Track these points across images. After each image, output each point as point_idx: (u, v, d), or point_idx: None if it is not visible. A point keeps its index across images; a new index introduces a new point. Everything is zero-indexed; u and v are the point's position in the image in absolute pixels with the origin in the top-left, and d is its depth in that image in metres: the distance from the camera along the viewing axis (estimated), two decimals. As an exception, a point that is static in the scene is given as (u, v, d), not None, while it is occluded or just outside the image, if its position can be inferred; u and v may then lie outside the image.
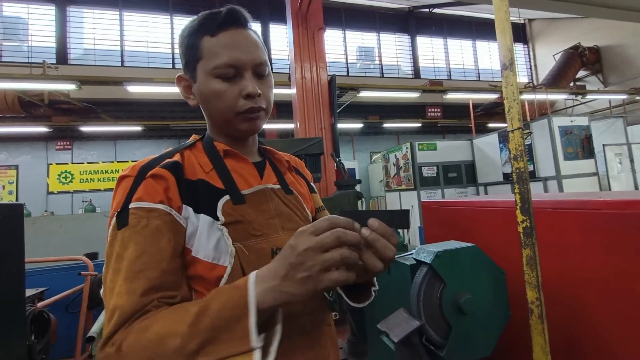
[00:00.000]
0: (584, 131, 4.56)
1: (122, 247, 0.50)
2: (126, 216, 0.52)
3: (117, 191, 0.56)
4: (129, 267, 0.49)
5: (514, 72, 0.81)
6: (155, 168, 0.56)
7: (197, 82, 0.62)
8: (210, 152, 0.64)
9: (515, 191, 0.83)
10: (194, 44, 0.61)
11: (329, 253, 0.42)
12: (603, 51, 10.14)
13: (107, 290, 0.50)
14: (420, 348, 0.94)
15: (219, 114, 0.62)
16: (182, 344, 0.42)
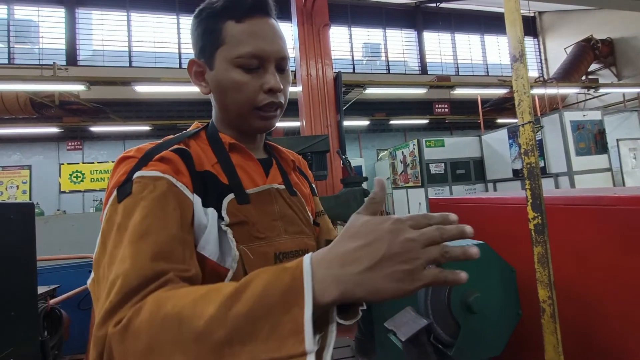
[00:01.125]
0: (596, 126, 4.45)
1: (125, 216, 0.44)
2: (130, 186, 0.46)
3: (117, 170, 0.50)
4: (133, 230, 0.42)
5: (524, 64, 0.79)
6: (164, 152, 0.51)
7: (215, 70, 0.56)
8: (214, 144, 0.59)
9: (526, 187, 0.80)
10: (215, 28, 0.55)
11: (433, 248, 0.34)
12: (616, 43, 9.86)
13: (101, 275, 0.41)
14: (428, 347, 0.93)
15: (235, 106, 0.57)
16: (207, 331, 0.31)
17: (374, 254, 0.33)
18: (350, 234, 0.36)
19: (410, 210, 5.92)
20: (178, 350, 0.32)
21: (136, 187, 0.46)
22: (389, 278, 0.33)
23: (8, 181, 8.04)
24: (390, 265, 0.33)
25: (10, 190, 8.03)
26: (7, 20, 8.19)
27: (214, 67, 0.56)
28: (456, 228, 0.35)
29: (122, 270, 0.38)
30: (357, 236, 0.35)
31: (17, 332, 1.46)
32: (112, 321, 0.36)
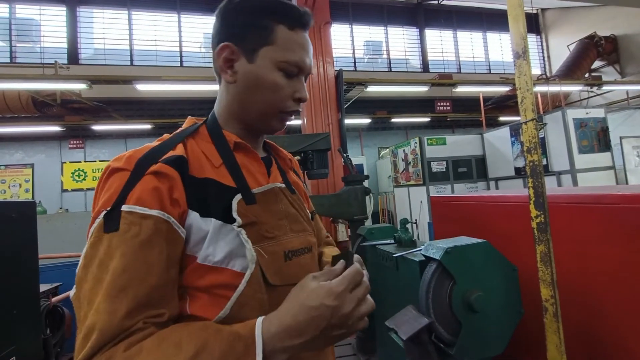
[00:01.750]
0: (599, 123, 4.42)
1: (107, 255, 0.44)
2: (117, 219, 0.45)
3: (107, 185, 0.48)
4: (113, 281, 0.43)
5: (528, 60, 0.78)
6: (158, 164, 0.49)
7: (255, 65, 0.56)
8: (219, 143, 0.57)
9: (528, 185, 0.80)
10: (266, 26, 0.55)
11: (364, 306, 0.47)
12: (620, 40, 9.78)
13: (83, 298, 0.44)
14: (430, 346, 0.93)
15: (264, 104, 0.57)
16: None
17: (317, 328, 0.43)
18: (299, 302, 0.45)
19: (412, 209, 5.90)
20: None
21: (123, 224, 0.45)
22: (328, 340, 0.45)
23: (11, 180, 8.07)
24: (329, 332, 0.44)
25: (13, 189, 8.06)
26: (8, 19, 8.20)
27: (254, 61, 0.56)
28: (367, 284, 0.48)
29: (98, 325, 0.41)
30: (303, 308, 0.44)
31: (19, 330, 1.47)
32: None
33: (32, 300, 1.60)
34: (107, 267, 0.44)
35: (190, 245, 0.50)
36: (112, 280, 0.43)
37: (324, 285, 0.45)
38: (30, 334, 1.56)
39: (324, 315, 0.43)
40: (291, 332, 0.43)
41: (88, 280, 0.44)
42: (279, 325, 0.43)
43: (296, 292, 0.48)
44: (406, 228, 1.37)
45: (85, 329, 0.42)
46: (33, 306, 1.62)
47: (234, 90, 0.58)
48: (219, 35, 0.58)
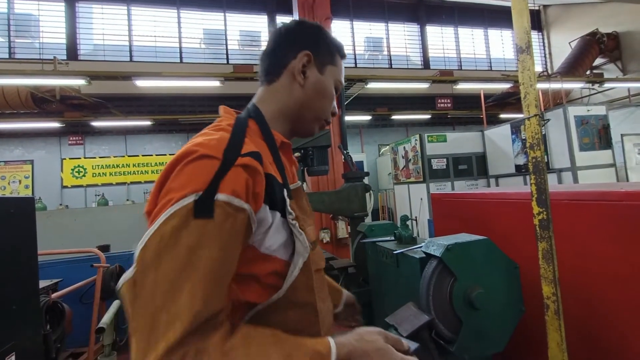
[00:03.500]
0: (601, 121, 4.40)
1: (200, 242, 0.44)
2: (210, 206, 0.45)
3: (189, 169, 0.47)
4: (208, 269, 0.44)
5: (531, 55, 0.77)
6: (247, 157, 0.51)
7: (323, 76, 0.67)
8: (269, 142, 0.62)
9: (531, 182, 0.79)
10: (332, 51, 0.70)
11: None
12: (622, 37, 9.72)
13: (162, 280, 0.42)
14: (430, 343, 0.92)
15: (320, 111, 0.68)
16: None
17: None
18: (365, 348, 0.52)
19: (412, 206, 5.90)
20: None
21: (220, 213, 0.46)
22: None
23: (11, 176, 8.06)
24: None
25: (12, 185, 8.06)
26: (7, 15, 8.14)
27: (324, 73, 0.68)
28: None
29: (191, 308, 0.42)
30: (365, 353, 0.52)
31: (19, 325, 1.47)
32: (177, 355, 0.40)
33: (31, 296, 1.60)
34: (200, 255, 0.44)
35: (254, 236, 0.53)
36: (208, 269, 0.44)
37: (394, 353, 0.53)
38: (30, 330, 1.56)
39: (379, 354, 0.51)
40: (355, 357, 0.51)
41: (167, 265, 0.43)
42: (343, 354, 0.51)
43: (366, 338, 0.54)
44: (406, 225, 1.37)
45: (171, 313, 0.41)
46: (33, 302, 1.61)
47: (299, 92, 0.66)
48: (299, 42, 0.66)
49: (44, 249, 2.18)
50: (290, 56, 0.65)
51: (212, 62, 9.11)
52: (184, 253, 0.43)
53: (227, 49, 9.36)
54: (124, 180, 8.52)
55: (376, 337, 0.54)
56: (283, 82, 0.66)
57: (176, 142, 8.90)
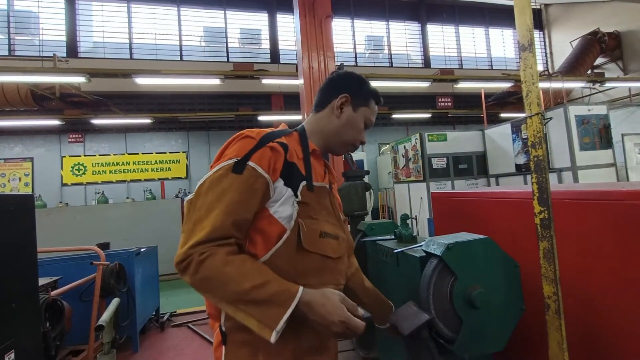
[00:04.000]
0: (601, 120, 4.39)
1: (230, 186, 0.71)
2: (242, 167, 0.72)
3: (238, 144, 0.76)
4: (230, 203, 0.70)
5: (533, 53, 0.76)
6: (274, 143, 0.77)
7: (356, 114, 0.92)
8: (304, 146, 0.86)
9: (532, 180, 0.78)
10: (367, 97, 0.94)
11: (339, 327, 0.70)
12: (624, 37, 9.69)
13: (201, 205, 0.71)
14: (430, 342, 0.92)
15: (348, 137, 0.93)
16: (241, 291, 0.66)
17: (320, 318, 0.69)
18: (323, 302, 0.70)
19: (412, 205, 5.90)
20: (222, 290, 0.67)
21: (247, 173, 0.73)
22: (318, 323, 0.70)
23: (10, 173, 8.06)
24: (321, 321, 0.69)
25: (12, 183, 8.05)
26: (7, 11, 8.12)
27: (357, 111, 0.92)
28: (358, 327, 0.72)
29: (215, 224, 0.69)
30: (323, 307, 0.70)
31: (18, 323, 1.47)
32: (199, 249, 0.67)
33: (31, 293, 1.60)
34: (227, 194, 0.71)
35: (270, 200, 0.76)
36: (229, 204, 0.70)
37: (344, 312, 0.70)
38: (29, 327, 1.56)
39: (325, 317, 0.69)
40: (307, 305, 0.68)
41: (210, 195, 0.71)
42: (307, 300, 0.69)
43: (327, 294, 0.72)
44: (407, 224, 1.36)
45: (203, 223, 0.69)
46: (32, 299, 1.61)
47: (335, 122, 0.92)
48: (341, 89, 0.92)
49: (43, 246, 2.18)
50: (334, 96, 0.91)
51: (212, 60, 9.09)
52: (220, 191, 0.71)
53: (228, 46, 9.34)
54: (123, 178, 8.51)
55: (335, 296, 0.72)
56: (326, 113, 0.92)
57: (176, 140, 8.89)
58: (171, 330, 3.33)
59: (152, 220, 5.90)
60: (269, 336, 0.65)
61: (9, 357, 1.38)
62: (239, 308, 0.67)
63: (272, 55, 9.54)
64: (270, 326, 0.65)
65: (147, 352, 2.86)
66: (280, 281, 0.69)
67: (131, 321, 2.80)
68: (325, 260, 0.81)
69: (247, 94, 8.88)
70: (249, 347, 0.74)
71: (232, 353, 0.75)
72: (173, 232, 5.92)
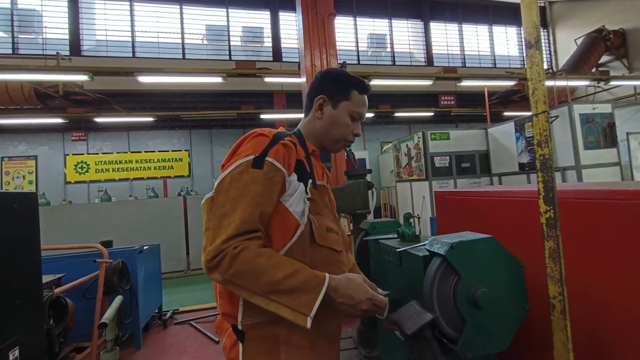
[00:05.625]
0: (606, 119, 4.35)
1: (252, 181, 0.74)
2: (261, 163, 0.75)
3: (253, 141, 0.79)
4: (254, 197, 0.73)
5: (540, 50, 0.75)
6: (285, 140, 0.82)
7: (337, 111, 0.92)
8: (304, 147, 0.89)
9: (538, 179, 0.77)
10: (346, 89, 0.92)
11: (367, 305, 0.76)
12: (629, 34, 9.59)
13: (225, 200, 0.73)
14: (433, 341, 0.91)
15: (336, 135, 0.93)
16: (274, 282, 0.68)
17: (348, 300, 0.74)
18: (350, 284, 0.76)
19: (414, 203, 5.88)
20: (255, 282, 0.69)
21: (266, 168, 0.76)
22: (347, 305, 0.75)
23: (14, 171, 8.11)
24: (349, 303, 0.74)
25: (16, 181, 8.10)
26: (10, 10, 8.15)
27: (336, 108, 0.92)
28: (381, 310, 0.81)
29: (244, 218, 0.71)
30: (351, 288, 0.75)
31: (22, 320, 1.47)
32: (232, 243, 0.69)
33: (35, 290, 1.61)
34: (250, 188, 0.73)
35: (285, 194, 0.79)
36: (254, 197, 0.73)
37: (368, 289, 0.77)
38: (33, 324, 1.56)
39: (353, 298, 0.74)
40: (335, 290, 0.73)
41: (233, 191, 0.74)
42: (335, 285, 0.73)
43: (350, 277, 0.77)
44: (410, 223, 1.35)
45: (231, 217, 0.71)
46: (36, 296, 1.62)
47: (319, 123, 0.94)
48: (318, 89, 0.94)
49: (47, 244, 2.19)
50: (313, 99, 0.94)
51: (215, 58, 9.08)
52: (243, 186, 0.73)
53: (230, 45, 9.33)
54: (126, 176, 8.54)
55: (358, 277, 0.78)
56: (311, 115, 0.96)
57: (178, 138, 8.91)
58: (174, 328, 3.35)
59: (155, 218, 5.93)
60: (303, 322, 0.67)
61: (14, 353, 1.39)
62: (271, 299, 0.68)
63: (275, 53, 9.52)
64: (304, 313, 0.67)
65: (150, 349, 2.88)
66: (307, 269, 0.72)
67: (134, 318, 2.81)
68: (332, 253, 0.86)
69: (249, 93, 8.87)
70: (269, 342, 0.76)
71: (251, 350, 0.76)
72: (175, 230, 5.94)
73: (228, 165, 0.78)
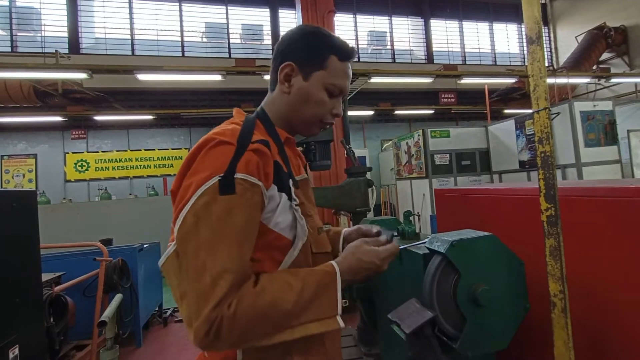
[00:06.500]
0: (607, 116, 4.34)
1: (227, 212, 0.54)
2: (231, 184, 0.55)
3: (213, 153, 0.57)
4: (237, 232, 0.55)
5: (541, 46, 0.74)
6: (256, 144, 0.61)
7: (308, 82, 0.69)
8: (274, 137, 0.69)
9: (539, 177, 0.77)
10: (321, 55, 0.70)
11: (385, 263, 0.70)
12: (630, 31, 9.55)
13: (197, 248, 0.53)
14: (433, 340, 0.91)
15: (309, 115, 0.71)
16: (289, 310, 0.56)
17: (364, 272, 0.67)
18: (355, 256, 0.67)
19: (414, 201, 5.88)
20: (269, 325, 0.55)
21: (239, 189, 0.56)
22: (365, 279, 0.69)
23: (14, 170, 8.10)
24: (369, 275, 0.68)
25: (16, 179, 8.10)
26: (9, 7, 8.11)
27: (308, 79, 0.69)
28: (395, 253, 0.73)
29: (231, 268, 0.53)
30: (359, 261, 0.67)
31: (22, 318, 1.47)
32: (225, 305, 0.51)
33: (34, 289, 1.61)
34: (228, 222, 0.54)
35: (265, 212, 0.61)
36: (237, 232, 0.55)
37: (375, 249, 0.68)
38: (33, 322, 1.57)
39: (370, 268, 0.67)
40: (350, 272, 0.65)
41: (204, 233, 0.53)
42: (343, 268, 0.64)
43: (352, 249, 0.68)
44: (410, 220, 1.35)
45: (214, 272, 0.52)
46: (35, 295, 1.62)
47: (287, 99, 0.71)
48: (284, 54, 0.70)
49: (47, 242, 2.19)
50: (277, 67, 0.71)
51: (214, 56, 9.05)
52: (216, 221, 0.53)
53: (229, 42, 9.30)
54: (126, 175, 8.54)
55: (360, 244, 0.69)
56: (277, 91, 0.73)
57: (178, 136, 8.89)
58: (174, 326, 3.35)
59: (155, 216, 5.93)
60: (335, 325, 0.60)
61: (14, 351, 1.39)
62: (294, 327, 0.56)
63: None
64: (331, 315, 0.59)
65: (150, 347, 2.88)
66: (312, 271, 0.62)
67: (134, 317, 2.82)
68: (327, 256, 0.76)
69: (249, 90, 8.85)
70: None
71: None
72: (176, 228, 5.93)
73: (183, 194, 0.56)
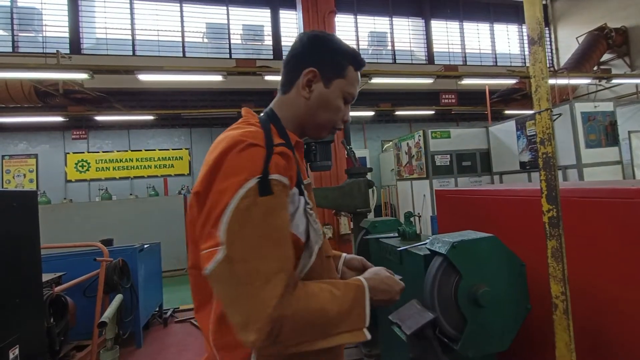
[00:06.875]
0: (608, 117, 4.33)
1: (269, 213, 0.56)
2: (268, 186, 0.56)
3: (247, 156, 0.58)
4: (280, 233, 0.57)
5: (543, 47, 0.74)
6: (281, 147, 0.62)
7: (328, 90, 0.73)
8: (287, 140, 0.69)
9: (541, 178, 0.77)
10: (343, 64, 0.73)
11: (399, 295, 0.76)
12: (631, 32, 9.54)
13: (251, 250, 0.54)
14: (434, 341, 0.91)
15: (324, 120, 0.75)
16: (334, 316, 0.60)
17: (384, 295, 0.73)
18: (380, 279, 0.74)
19: (415, 202, 5.87)
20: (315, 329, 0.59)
21: (276, 190, 0.58)
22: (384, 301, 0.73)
23: (15, 170, 8.11)
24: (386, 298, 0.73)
25: (17, 179, 8.11)
26: (10, 8, 8.13)
27: (329, 87, 0.73)
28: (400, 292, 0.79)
29: (282, 267, 0.56)
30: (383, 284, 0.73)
31: (22, 318, 1.47)
32: (284, 304, 0.54)
33: (35, 289, 1.61)
34: (271, 224, 0.56)
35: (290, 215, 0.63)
36: (280, 232, 0.57)
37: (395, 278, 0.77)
38: (34, 323, 1.56)
39: (389, 292, 0.73)
40: (374, 291, 0.69)
41: (250, 236, 0.54)
42: (371, 285, 0.70)
43: (375, 272, 0.76)
44: (410, 221, 1.35)
45: (267, 273, 0.54)
46: (36, 295, 1.62)
47: (305, 104, 0.73)
48: (306, 60, 0.73)
49: (48, 242, 2.19)
50: (298, 72, 0.72)
51: (215, 56, 9.06)
52: (260, 223, 0.55)
53: (230, 43, 9.30)
54: (127, 175, 8.54)
55: (381, 270, 0.77)
56: (293, 94, 0.74)
57: (178, 136, 8.90)
58: (174, 326, 3.35)
59: (155, 216, 5.93)
60: (363, 337, 0.64)
61: (14, 352, 1.39)
62: (332, 335, 0.61)
63: (275, 51, 9.50)
64: (360, 327, 0.64)
65: (151, 347, 2.88)
66: (346, 283, 0.68)
67: (134, 317, 2.81)
68: (330, 261, 0.78)
69: (249, 91, 8.85)
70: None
71: None
72: (176, 228, 5.94)
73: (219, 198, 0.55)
